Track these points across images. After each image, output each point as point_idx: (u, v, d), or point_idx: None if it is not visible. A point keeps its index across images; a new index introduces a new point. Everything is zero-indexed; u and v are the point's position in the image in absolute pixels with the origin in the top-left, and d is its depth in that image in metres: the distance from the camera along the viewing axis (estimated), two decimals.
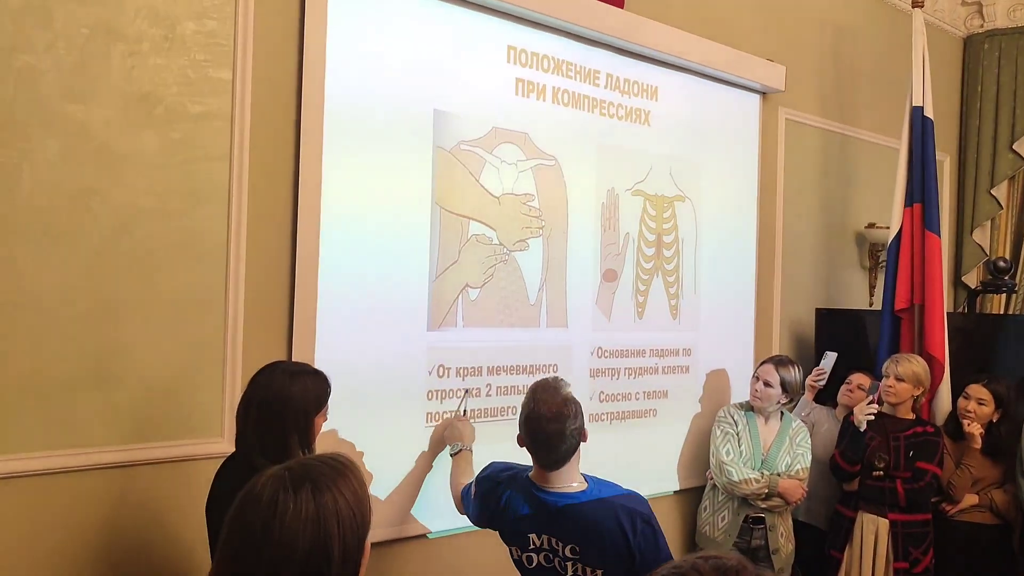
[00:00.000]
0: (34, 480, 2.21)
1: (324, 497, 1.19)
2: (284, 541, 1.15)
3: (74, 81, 2.26)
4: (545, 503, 2.17)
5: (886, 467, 3.45)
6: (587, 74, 3.47)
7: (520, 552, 2.25)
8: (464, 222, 3.06)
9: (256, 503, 1.18)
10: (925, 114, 4.18)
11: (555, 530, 2.16)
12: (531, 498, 2.21)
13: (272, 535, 1.15)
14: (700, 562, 0.89)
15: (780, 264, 4.40)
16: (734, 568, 0.88)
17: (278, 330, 2.64)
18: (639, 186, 3.67)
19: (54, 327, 2.24)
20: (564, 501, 2.15)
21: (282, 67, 2.64)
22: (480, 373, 3.11)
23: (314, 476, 1.21)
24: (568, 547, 2.14)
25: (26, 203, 2.19)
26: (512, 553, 2.29)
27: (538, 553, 2.20)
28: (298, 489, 1.18)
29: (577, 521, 2.12)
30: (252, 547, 1.16)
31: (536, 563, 2.21)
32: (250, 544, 1.16)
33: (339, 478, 1.23)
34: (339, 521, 1.19)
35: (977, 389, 3.67)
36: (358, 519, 1.22)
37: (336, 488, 1.21)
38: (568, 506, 2.14)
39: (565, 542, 2.15)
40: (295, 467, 1.24)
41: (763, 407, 3.47)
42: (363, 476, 1.28)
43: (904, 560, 3.42)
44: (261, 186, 2.59)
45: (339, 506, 1.20)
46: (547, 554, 2.19)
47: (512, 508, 2.23)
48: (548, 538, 2.17)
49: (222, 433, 2.50)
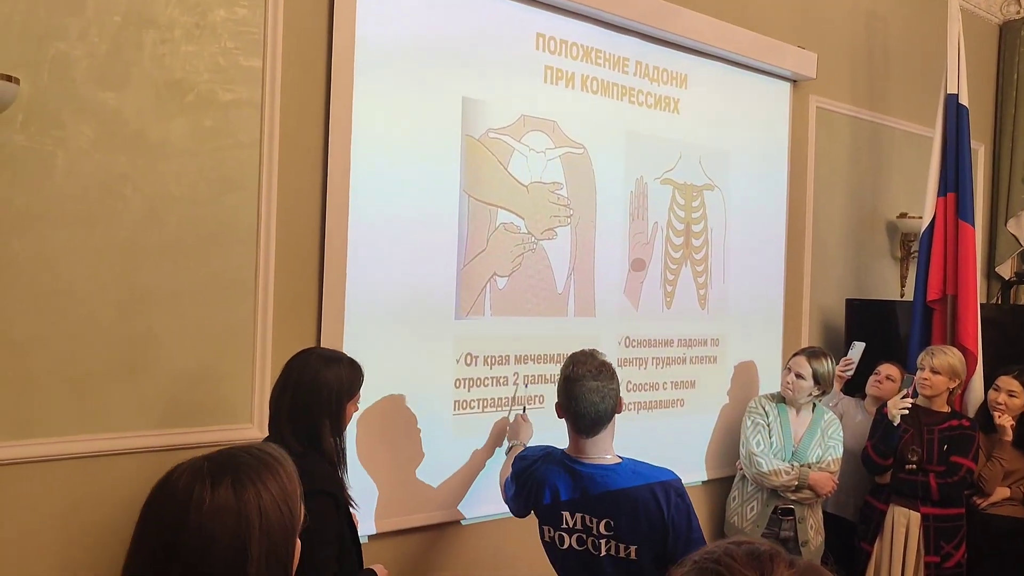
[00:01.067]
0: (70, 463, 2.24)
1: (246, 491, 1.10)
2: (200, 536, 1.06)
3: (107, 68, 2.28)
4: (580, 475, 2.17)
5: (919, 460, 3.40)
6: (616, 61, 3.44)
7: (552, 531, 2.23)
8: (492, 211, 3.05)
9: (171, 494, 1.09)
10: (960, 102, 4.11)
11: (589, 506, 2.15)
12: (566, 471, 2.21)
13: (186, 530, 1.06)
14: (733, 547, 0.88)
15: (810, 254, 4.35)
16: (767, 553, 0.87)
17: (307, 317, 2.65)
18: (668, 175, 3.64)
19: (88, 314, 2.26)
20: (599, 473, 2.16)
21: (311, 55, 2.64)
22: (508, 362, 3.11)
23: (236, 467, 1.12)
24: (603, 523, 2.14)
25: (60, 191, 2.22)
26: (544, 534, 2.26)
27: (571, 534, 2.19)
28: (217, 481, 1.09)
29: (612, 493, 2.12)
30: (164, 542, 1.07)
31: (568, 544, 2.20)
32: (162, 539, 1.08)
33: (265, 471, 1.13)
34: (262, 517, 1.10)
35: (1008, 381, 3.62)
36: (286, 516, 1.13)
37: (261, 482, 1.12)
38: (603, 477, 2.14)
39: (600, 517, 2.14)
40: (217, 457, 1.14)
41: (795, 399, 3.44)
42: (293, 471, 1.19)
43: (935, 554, 3.38)
44: (291, 173, 2.59)
45: (263, 501, 1.10)
46: (580, 535, 2.18)
47: (547, 484, 2.23)
48: (582, 516, 2.17)
49: (252, 419, 2.52)
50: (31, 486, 2.20)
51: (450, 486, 2.97)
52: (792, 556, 0.88)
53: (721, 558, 0.86)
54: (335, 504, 1.97)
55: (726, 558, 0.86)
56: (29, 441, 2.18)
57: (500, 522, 3.04)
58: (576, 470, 2.18)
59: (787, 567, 0.85)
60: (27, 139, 2.17)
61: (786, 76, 4.12)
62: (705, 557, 0.88)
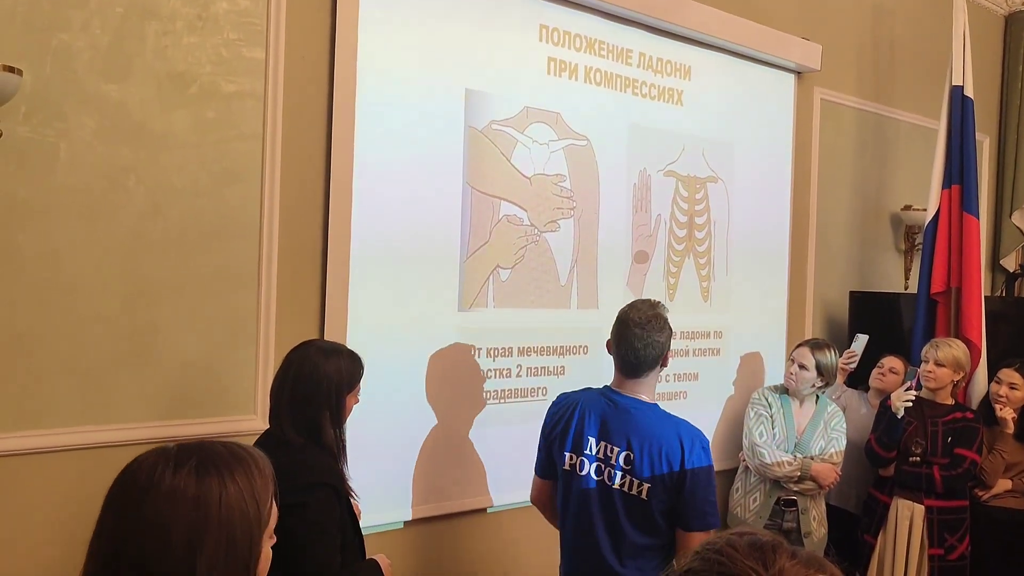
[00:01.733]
0: (73, 454, 2.25)
1: (209, 480, 1.04)
2: (156, 522, 1.02)
3: (109, 60, 2.28)
4: (616, 403, 2.26)
5: (923, 453, 3.40)
6: (620, 53, 3.43)
7: (575, 457, 2.28)
8: (495, 203, 3.05)
9: (133, 477, 1.06)
10: (965, 93, 4.09)
11: (615, 432, 2.22)
12: (603, 397, 2.30)
13: (144, 513, 1.03)
14: (735, 538, 0.89)
15: (814, 246, 4.34)
16: (769, 544, 0.87)
17: (311, 309, 2.65)
18: (671, 167, 3.64)
19: (92, 307, 2.27)
20: (633, 405, 2.24)
21: (314, 47, 2.64)
22: (511, 354, 3.11)
23: (205, 455, 1.08)
24: (623, 455, 2.20)
25: (63, 183, 2.22)
26: (565, 461, 2.29)
27: (591, 462, 2.25)
28: (180, 466, 1.05)
29: (640, 425, 2.20)
30: (123, 525, 1.04)
31: (586, 471, 2.26)
32: (121, 521, 1.04)
33: (236, 464, 1.08)
34: (222, 508, 1.04)
35: (1009, 374, 3.63)
36: (251, 514, 1.06)
37: (228, 473, 1.06)
38: (636, 409, 2.23)
39: (622, 448, 2.21)
40: (188, 443, 1.10)
41: (798, 390, 3.43)
42: (269, 474, 1.13)
43: (939, 546, 3.38)
44: (294, 165, 2.59)
45: (226, 492, 1.05)
46: (599, 465, 2.24)
47: (580, 407, 2.31)
48: (605, 445, 2.24)
49: (255, 410, 2.53)
50: (36, 477, 2.21)
51: (455, 476, 2.97)
52: (794, 547, 0.88)
53: (723, 549, 0.87)
54: (336, 495, 1.97)
55: (728, 549, 0.86)
56: (34, 432, 2.19)
57: (524, 510, 3.07)
58: (612, 398, 2.28)
59: (789, 558, 0.85)
60: (30, 131, 2.17)
61: (791, 68, 4.11)
62: (707, 548, 0.89)
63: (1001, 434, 3.56)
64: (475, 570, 3.10)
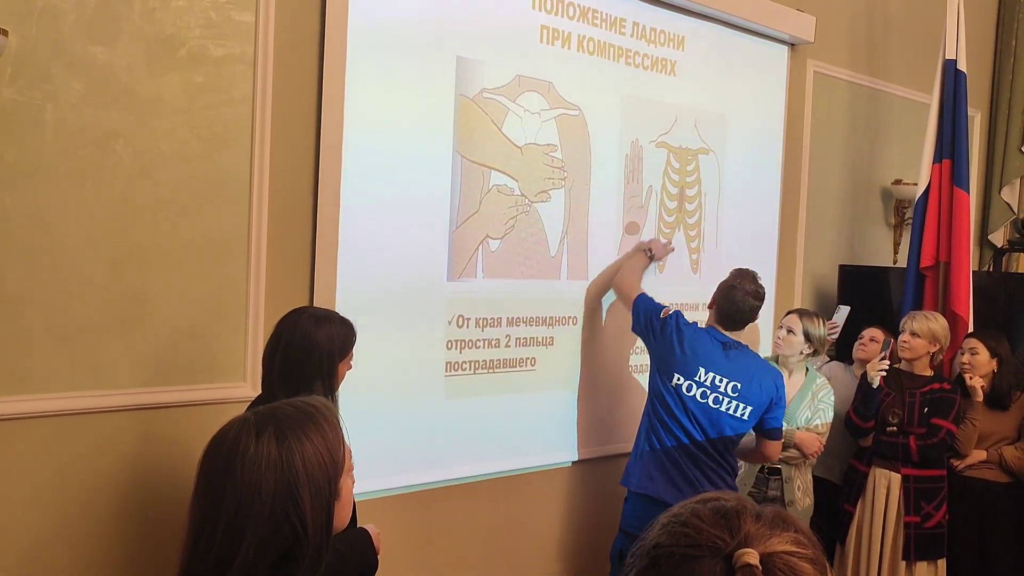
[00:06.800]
0: (60, 420, 2.25)
1: (287, 442, 1.21)
2: (248, 482, 1.18)
3: (96, 22, 2.25)
4: (727, 344, 2.95)
5: (900, 423, 3.45)
6: (613, 22, 3.41)
7: (683, 379, 2.90)
8: (486, 172, 3.04)
9: (220, 445, 1.21)
10: (958, 67, 4.08)
11: (725, 367, 2.90)
12: (713, 338, 2.97)
13: (235, 476, 1.18)
14: (699, 506, 0.88)
15: (804, 219, 4.35)
16: (733, 509, 0.86)
17: (300, 275, 2.65)
18: (663, 138, 3.63)
19: (80, 271, 2.26)
20: (738, 347, 2.96)
21: (304, 10, 2.61)
22: (500, 324, 3.12)
23: (279, 420, 1.23)
24: (731, 384, 2.89)
25: (50, 146, 2.20)
26: (672, 379, 2.92)
27: (699, 387, 2.89)
28: (261, 434, 1.20)
29: (747, 364, 2.95)
30: (218, 488, 1.19)
31: (694, 393, 2.90)
32: (216, 485, 1.19)
33: (307, 422, 1.25)
34: (305, 464, 1.21)
35: (970, 340, 3.70)
36: (327, 462, 1.23)
37: (303, 432, 1.23)
38: (743, 352, 2.97)
39: (730, 379, 2.89)
40: (263, 411, 1.26)
41: (786, 356, 3.44)
42: (336, 419, 1.30)
43: (915, 514, 3.43)
44: (284, 130, 2.58)
45: (304, 450, 1.21)
46: (705, 391, 2.88)
47: (690, 338, 2.94)
48: (715, 376, 2.88)
49: (245, 377, 2.53)
50: (23, 442, 2.21)
51: (443, 446, 2.99)
52: (759, 508, 0.87)
53: (689, 520, 0.86)
54: None
55: (694, 519, 0.86)
56: (21, 397, 2.19)
57: (499, 480, 3.08)
58: (722, 340, 2.95)
59: (754, 521, 0.85)
60: (16, 92, 2.14)
61: (784, 40, 4.08)
62: (672, 520, 0.88)
63: (972, 403, 3.60)
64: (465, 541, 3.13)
